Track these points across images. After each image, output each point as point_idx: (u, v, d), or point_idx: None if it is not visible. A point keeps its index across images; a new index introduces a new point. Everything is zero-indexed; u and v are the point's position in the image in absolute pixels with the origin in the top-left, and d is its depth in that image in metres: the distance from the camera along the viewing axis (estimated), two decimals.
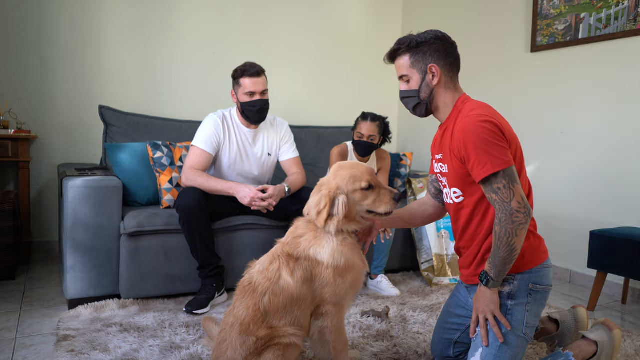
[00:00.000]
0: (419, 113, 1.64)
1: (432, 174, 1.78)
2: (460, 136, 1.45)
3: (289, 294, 1.50)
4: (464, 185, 1.54)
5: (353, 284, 1.56)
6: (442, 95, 1.59)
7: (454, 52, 1.59)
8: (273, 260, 1.56)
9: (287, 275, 1.51)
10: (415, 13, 4.40)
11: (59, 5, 3.28)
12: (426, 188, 1.85)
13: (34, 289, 2.64)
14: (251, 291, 1.53)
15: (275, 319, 1.50)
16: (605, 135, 2.89)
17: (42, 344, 1.97)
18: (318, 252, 1.53)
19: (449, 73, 1.58)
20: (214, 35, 3.75)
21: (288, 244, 1.58)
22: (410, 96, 1.61)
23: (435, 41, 1.55)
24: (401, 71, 1.61)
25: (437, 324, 1.81)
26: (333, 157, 2.87)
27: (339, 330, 1.57)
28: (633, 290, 2.77)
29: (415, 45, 1.55)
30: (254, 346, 1.47)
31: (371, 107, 4.07)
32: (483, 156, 1.40)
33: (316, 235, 1.55)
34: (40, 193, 3.35)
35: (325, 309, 1.54)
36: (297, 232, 1.60)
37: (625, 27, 2.77)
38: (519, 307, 1.48)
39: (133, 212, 2.46)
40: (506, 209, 1.39)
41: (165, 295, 2.51)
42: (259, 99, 2.50)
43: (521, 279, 1.49)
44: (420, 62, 1.56)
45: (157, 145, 2.74)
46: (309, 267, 1.52)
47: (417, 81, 1.58)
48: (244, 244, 2.64)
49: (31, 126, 3.23)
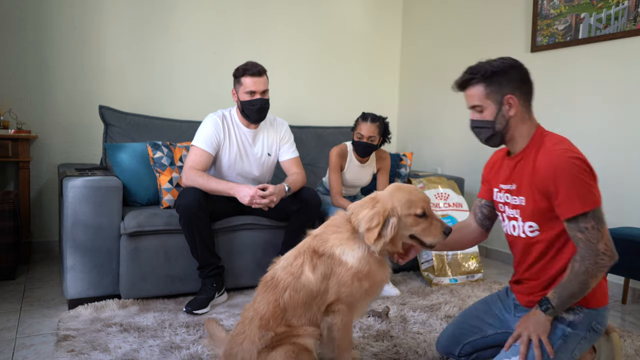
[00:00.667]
0: (492, 144, 1.59)
1: (481, 198, 1.75)
2: (549, 171, 1.41)
3: (309, 290, 1.51)
4: (544, 220, 1.49)
5: (369, 291, 1.56)
6: (518, 126, 1.53)
7: (529, 79, 1.54)
8: (298, 256, 1.56)
9: (309, 271, 1.52)
10: (415, 13, 4.40)
11: (59, 5, 3.28)
12: (471, 211, 1.82)
13: (34, 289, 2.64)
14: (273, 286, 1.54)
15: (295, 317, 1.51)
16: (605, 136, 2.89)
17: (42, 344, 1.97)
18: (345, 253, 1.53)
19: (524, 102, 1.53)
20: (214, 35, 3.75)
21: (317, 237, 1.57)
22: (484, 127, 1.55)
23: (510, 70, 1.50)
24: (473, 101, 1.55)
25: (455, 320, 1.82)
26: (332, 157, 2.87)
27: (346, 330, 1.56)
28: (633, 290, 2.77)
29: (491, 75, 1.49)
30: (271, 340, 1.49)
31: (371, 107, 4.06)
32: (573, 194, 1.37)
33: (349, 237, 1.54)
34: (40, 193, 3.35)
35: (338, 307, 1.53)
36: (330, 226, 1.59)
37: (625, 27, 2.77)
38: (575, 338, 1.47)
39: (133, 212, 2.46)
40: (592, 249, 1.37)
41: (165, 295, 2.51)
42: (259, 98, 2.50)
43: (588, 314, 1.48)
44: (497, 92, 1.50)
45: (157, 145, 2.74)
46: (331, 265, 1.52)
47: (492, 112, 1.52)
48: (244, 244, 2.64)
49: (31, 126, 3.23)
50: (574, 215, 1.38)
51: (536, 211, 1.50)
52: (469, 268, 2.99)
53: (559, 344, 1.45)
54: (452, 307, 2.47)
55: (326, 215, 2.82)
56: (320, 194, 3.03)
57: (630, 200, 2.77)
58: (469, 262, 3.00)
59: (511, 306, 1.69)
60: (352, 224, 1.54)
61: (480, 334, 1.71)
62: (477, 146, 3.74)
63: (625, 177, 2.80)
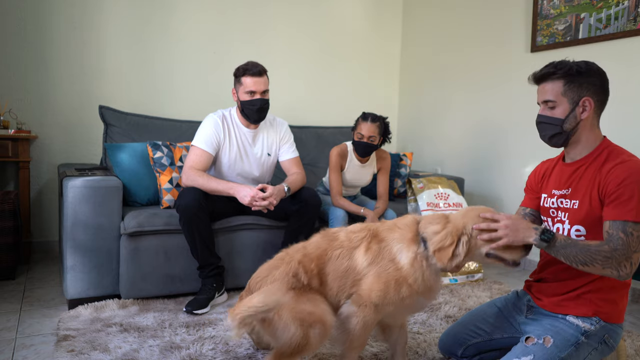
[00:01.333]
0: (555, 143, 1.56)
1: (525, 206, 1.74)
2: (622, 175, 1.41)
3: (353, 265, 1.55)
4: (593, 225, 1.48)
5: (403, 302, 1.52)
6: (586, 131, 1.52)
7: (608, 89, 1.52)
8: (363, 229, 1.61)
9: (363, 249, 1.55)
10: (415, 13, 4.40)
11: (59, 5, 3.28)
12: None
13: (34, 289, 2.64)
14: (331, 239, 1.60)
15: (329, 275, 1.55)
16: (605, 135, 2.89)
17: (42, 344, 1.97)
18: (401, 251, 1.52)
19: (597, 110, 1.52)
20: (214, 35, 3.75)
21: (386, 225, 1.60)
22: (551, 123, 1.53)
23: (595, 74, 1.49)
24: (547, 95, 1.52)
25: (461, 320, 1.81)
26: (332, 157, 2.87)
27: (364, 329, 1.53)
28: (633, 290, 2.77)
29: (574, 74, 1.47)
30: (300, 289, 1.53)
31: (371, 107, 4.06)
32: (636, 200, 1.37)
33: (412, 239, 1.53)
34: (40, 193, 3.35)
35: (366, 302, 1.51)
36: (399, 223, 1.60)
37: (625, 27, 2.77)
38: (588, 347, 1.47)
39: (133, 212, 2.46)
40: (626, 252, 1.36)
41: (165, 295, 2.51)
42: (259, 98, 2.50)
43: (603, 327, 1.49)
44: (575, 92, 1.48)
45: (157, 145, 2.74)
46: (383, 256, 1.53)
47: (564, 110, 1.50)
48: (244, 244, 2.64)
49: (31, 126, 3.24)
50: (628, 219, 1.37)
51: (590, 216, 1.48)
52: (469, 268, 2.98)
53: (570, 350, 1.44)
54: (452, 307, 2.47)
55: (326, 215, 2.82)
56: (320, 194, 3.03)
57: None
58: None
59: (523, 308, 1.67)
60: (419, 230, 1.54)
61: (486, 337, 1.70)
62: (477, 146, 3.75)
63: None
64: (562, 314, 1.52)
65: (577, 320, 1.49)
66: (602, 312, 1.48)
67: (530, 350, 1.44)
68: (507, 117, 3.48)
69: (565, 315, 1.51)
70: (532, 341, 1.47)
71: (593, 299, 1.50)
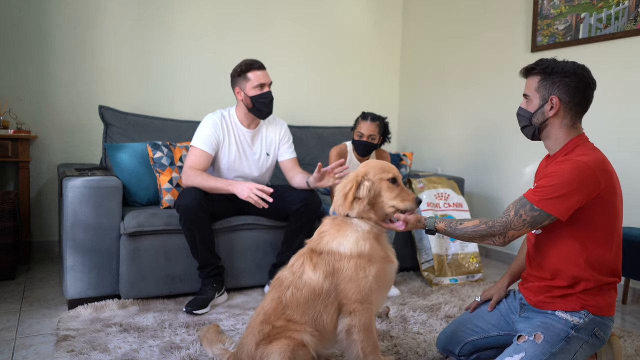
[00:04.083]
0: (527, 134, 1.65)
1: None
2: (557, 167, 1.47)
3: (312, 287, 1.53)
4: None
5: (377, 278, 1.54)
6: (555, 129, 1.56)
7: (586, 93, 1.55)
8: (298, 258, 1.62)
9: (309, 269, 1.55)
10: (415, 13, 4.40)
11: (59, 5, 3.28)
12: None
13: (34, 289, 2.63)
14: (277, 285, 1.60)
15: (297, 313, 1.53)
16: (605, 135, 2.89)
17: (42, 344, 1.97)
18: (341, 244, 1.56)
19: (569, 111, 1.54)
20: (214, 36, 3.75)
21: (312, 240, 1.63)
22: (522, 115, 1.62)
23: (572, 76, 1.52)
24: (526, 89, 1.61)
25: (458, 319, 1.83)
26: (332, 157, 2.87)
27: (367, 330, 1.54)
28: (633, 290, 2.77)
29: (550, 72, 1.53)
30: (269, 333, 1.52)
31: (371, 107, 4.06)
32: (547, 185, 1.43)
33: (340, 229, 1.59)
34: (40, 193, 3.35)
35: (352, 307, 1.53)
36: (322, 228, 1.65)
37: (625, 27, 2.77)
38: (578, 341, 1.48)
39: (133, 212, 2.46)
40: (502, 229, 1.49)
41: (165, 295, 2.51)
42: (268, 90, 2.53)
43: (592, 320, 1.50)
44: (547, 89, 1.54)
45: (157, 145, 2.74)
46: (331, 261, 1.54)
47: (534, 105, 1.57)
48: (244, 244, 2.64)
49: (31, 126, 3.23)
50: (530, 201, 1.46)
51: None
52: (469, 268, 2.98)
53: (561, 345, 1.45)
54: (452, 307, 2.47)
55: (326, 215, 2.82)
56: (320, 194, 3.03)
57: (629, 201, 2.77)
58: (469, 262, 3.00)
59: (517, 306, 1.69)
60: (340, 216, 1.60)
61: (482, 335, 1.72)
62: (477, 146, 3.74)
63: (624, 177, 2.79)
64: (551, 310, 1.54)
65: (566, 314, 1.51)
66: (589, 305, 1.50)
67: (522, 348, 1.46)
68: (507, 117, 3.47)
69: (554, 311, 1.53)
70: (524, 339, 1.49)
71: (578, 294, 1.51)
